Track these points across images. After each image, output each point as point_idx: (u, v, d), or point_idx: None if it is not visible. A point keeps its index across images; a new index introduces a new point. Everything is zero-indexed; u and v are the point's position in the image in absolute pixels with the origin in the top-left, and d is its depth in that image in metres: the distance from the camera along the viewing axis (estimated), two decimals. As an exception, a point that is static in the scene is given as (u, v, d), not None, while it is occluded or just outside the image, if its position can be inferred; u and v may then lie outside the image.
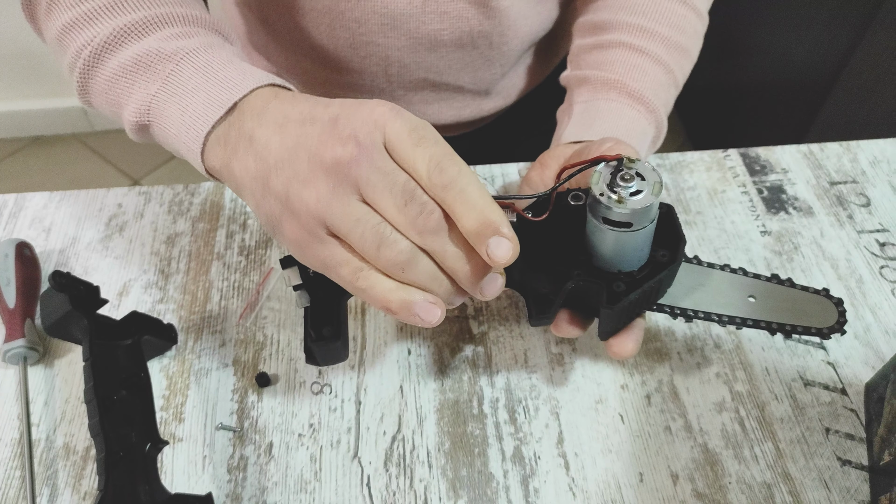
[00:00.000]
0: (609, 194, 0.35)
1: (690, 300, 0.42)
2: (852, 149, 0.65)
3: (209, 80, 0.39)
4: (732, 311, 0.41)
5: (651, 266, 0.39)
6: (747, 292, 0.42)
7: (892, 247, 0.57)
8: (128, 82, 0.42)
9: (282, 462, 0.46)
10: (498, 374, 0.50)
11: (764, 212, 0.59)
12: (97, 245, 0.57)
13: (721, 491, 0.44)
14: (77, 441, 0.47)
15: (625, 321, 0.41)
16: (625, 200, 0.35)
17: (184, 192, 0.61)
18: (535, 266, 0.40)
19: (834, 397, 0.49)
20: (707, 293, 0.42)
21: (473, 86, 0.70)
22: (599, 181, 0.36)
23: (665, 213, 0.40)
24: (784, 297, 0.42)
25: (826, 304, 0.41)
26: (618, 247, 0.37)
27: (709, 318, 0.41)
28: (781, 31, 1.35)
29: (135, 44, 0.42)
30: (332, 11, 0.59)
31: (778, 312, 0.41)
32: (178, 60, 0.40)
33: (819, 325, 0.40)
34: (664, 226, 0.40)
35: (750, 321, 0.41)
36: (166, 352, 0.51)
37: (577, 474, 0.45)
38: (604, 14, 0.59)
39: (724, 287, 0.42)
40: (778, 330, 0.41)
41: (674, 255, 0.39)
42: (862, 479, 0.45)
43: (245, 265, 0.56)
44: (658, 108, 0.54)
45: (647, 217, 0.36)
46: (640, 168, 0.36)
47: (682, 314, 0.41)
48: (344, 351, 0.40)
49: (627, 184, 0.35)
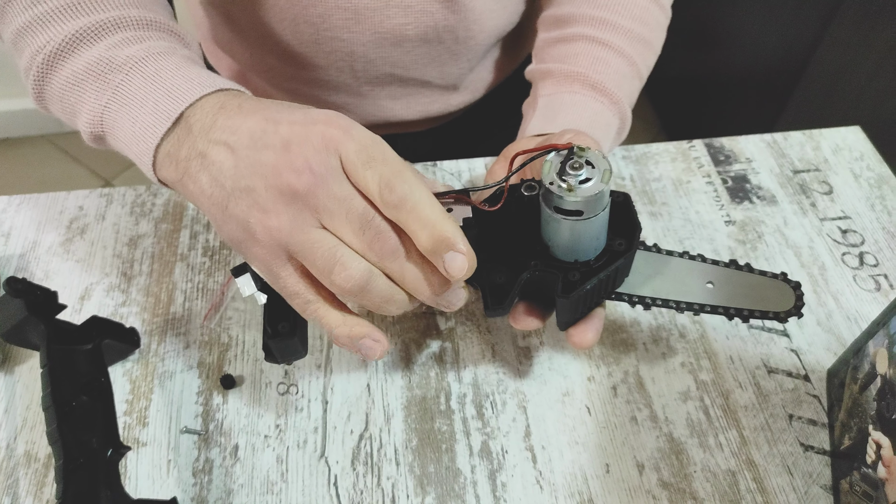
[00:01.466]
0: (559, 183, 0.35)
1: (649, 288, 0.42)
2: (815, 137, 0.65)
3: (157, 90, 0.39)
4: (691, 297, 0.41)
5: (608, 255, 0.39)
6: (706, 278, 0.42)
7: (853, 234, 0.58)
8: (80, 91, 0.41)
9: (248, 464, 0.45)
10: (465, 370, 0.50)
11: (728, 201, 0.60)
12: (58, 249, 0.56)
13: (686, 479, 0.45)
14: (38, 448, 0.46)
15: (583, 311, 0.41)
16: (574, 189, 0.35)
17: (146, 194, 0.60)
18: (493, 257, 0.40)
19: (797, 384, 0.49)
20: (666, 280, 0.42)
21: (441, 81, 0.69)
22: (550, 170, 0.36)
23: (622, 202, 0.40)
24: (742, 282, 0.42)
25: (784, 289, 0.41)
26: (572, 236, 0.37)
27: (667, 306, 0.41)
28: (753, 21, 1.36)
29: (87, 50, 0.41)
30: (294, 7, 0.59)
31: (736, 298, 0.41)
32: (127, 70, 0.40)
33: (777, 310, 0.40)
34: (621, 214, 0.40)
35: (708, 307, 0.41)
36: (129, 355, 0.50)
37: (544, 467, 0.45)
38: (567, 8, 0.59)
39: (682, 274, 0.42)
40: (736, 315, 0.41)
41: (629, 243, 0.39)
42: (824, 464, 0.46)
43: (209, 266, 0.55)
44: (621, 100, 0.54)
45: (598, 205, 0.36)
46: (590, 156, 0.36)
47: (640, 302, 0.42)
48: (301, 347, 0.40)
49: (577, 172, 0.35)
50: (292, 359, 0.41)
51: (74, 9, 0.41)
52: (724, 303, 0.41)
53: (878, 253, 0.56)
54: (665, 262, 0.43)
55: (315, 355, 0.50)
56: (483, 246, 0.39)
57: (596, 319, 0.42)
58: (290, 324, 0.39)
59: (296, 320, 0.39)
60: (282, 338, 0.38)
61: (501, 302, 0.39)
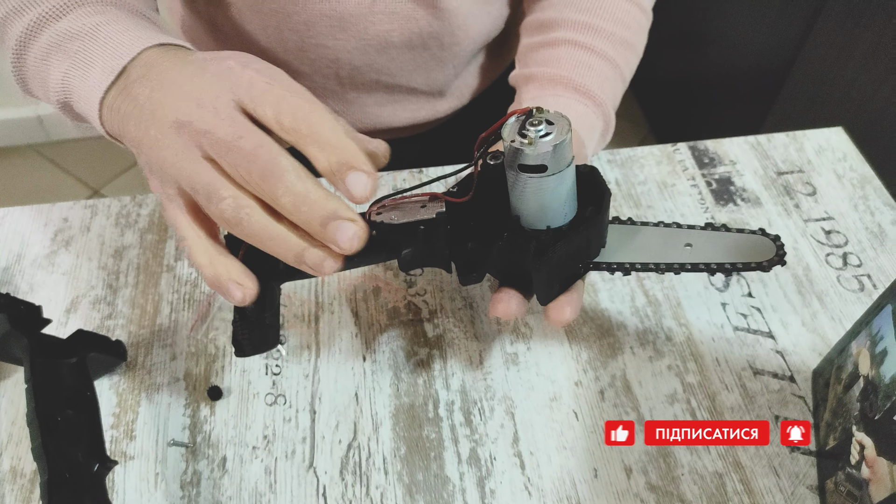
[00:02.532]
0: (520, 140, 0.36)
1: (627, 255, 0.42)
2: (798, 139, 0.66)
3: (106, 50, 0.40)
4: (670, 259, 0.41)
5: (579, 222, 0.39)
6: (683, 241, 0.41)
7: (837, 234, 0.58)
8: (47, 63, 0.43)
9: (236, 475, 0.45)
10: (453, 377, 0.50)
11: (713, 203, 0.60)
12: (43, 261, 0.56)
13: (674, 482, 0.45)
14: (24, 464, 0.46)
15: (560, 282, 0.41)
16: (535, 142, 0.35)
17: (131, 204, 0.60)
18: (466, 235, 0.40)
19: (783, 385, 0.50)
20: (643, 247, 0.42)
21: (427, 87, 0.69)
22: (511, 131, 0.36)
23: (588, 172, 0.40)
24: (721, 241, 0.41)
25: (763, 241, 0.40)
26: (539, 197, 0.37)
27: (646, 269, 0.41)
28: (739, 23, 1.37)
29: (52, 26, 0.43)
30: (279, 14, 0.59)
31: (716, 255, 0.40)
32: (83, 37, 0.41)
33: (759, 260, 0.40)
34: (589, 184, 0.40)
35: (688, 265, 0.40)
36: (116, 368, 0.50)
37: (532, 473, 0.46)
38: (550, 12, 0.59)
39: (659, 240, 0.42)
40: (717, 270, 0.40)
41: (599, 206, 0.39)
42: (810, 464, 0.46)
43: (195, 276, 0.55)
44: (605, 102, 0.55)
45: (562, 158, 0.36)
46: (550, 116, 0.36)
47: (619, 268, 0.41)
48: (271, 334, 0.40)
49: (536, 128, 0.36)
50: (263, 349, 0.41)
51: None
52: (703, 261, 0.40)
53: (861, 253, 0.57)
54: (641, 231, 0.42)
55: (303, 365, 0.50)
56: (454, 227, 0.40)
57: (574, 293, 0.41)
58: (257, 306, 0.39)
59: (264, 304, 0.39)
60: (249, 322, 0.39)
61: (474, 269, 0.39)
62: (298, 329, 0.52)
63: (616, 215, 0.44)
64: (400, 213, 0.40)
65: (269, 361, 0.51)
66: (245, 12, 0.60)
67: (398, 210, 0.40)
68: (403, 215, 0.40)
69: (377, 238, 0.40)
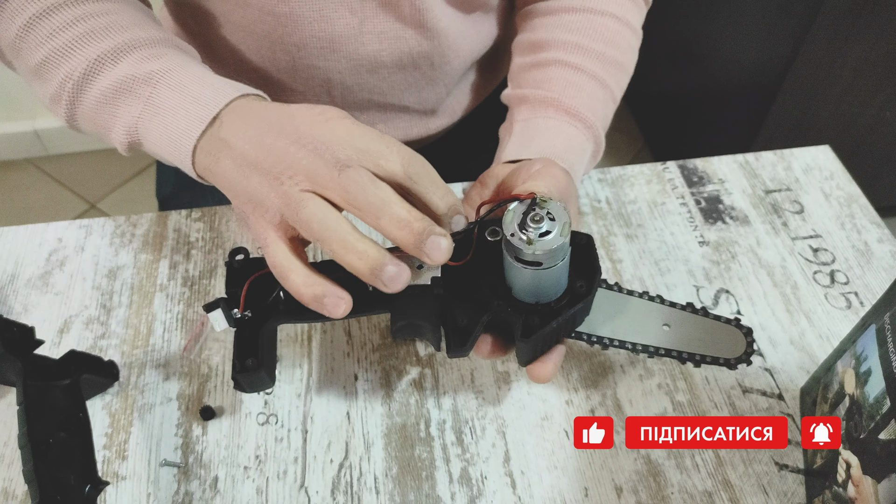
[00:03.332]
0: (519, 235, 0.36)
1: (608, 327, 0.43)
2: (786, 157, 0.67)
3: (186, 99, 0.43)
4: (647, 339, 0.43)
5: (569, 297, 0.40)
6: (662, 320, 0.43)
7: (824, 252, 0.59)
8: (112, 108, 0.45)
9: (227, 496, 0.45)
10: (445, 396, 0.50)
11: (702, 222, 0.61)
12: (37, 281, 0.56)
13: (664, 501, 0.45)
14: (16, 486, 0.46)
15: (543, 349, 0.42)
16: (534, 241, 0.36)
17: (125, 224, 0.60)
18: (458, 296, 0.40)
19: (771, 403, 0.50)
20: (624, 321, 0.43)
21: (419, 106, 0.70)
22: (511, 221, 0.37)
23: (584, 245, 0.41)
24: (697, 325, 0.43)
25: (736, 334, 0.43)
26: (533, 282, 0.38)
27: (623, 347, 0.43)
28: (730, 40, 1.39)
29: (111, 71, 0.45)
30: (270, 36, 0.60)
31: (690, 342, 0.43)
32: (154, 83, 0.44)
33: (728, 356, 0.42)
34: (583, 257, 0.41)
35: (662, 350, 0.42)
36: (108, 389, 0.50)
37: (523, 493, 0.46)
38: (541, 32, 0.60)
39: (640, 315, 0.43)
40: (688, 360, 0.42)
41: (589, 287, 0.40)
42: (798, 483, 0.46)
43: (189, 296, 0.55)
44: (595, 124, 0.55)
45: (557, 257, 0.37)
46: (552, 208, 0.37)
47: (598, 342, 0.43)
48: (268, 379, 0.41)
49: (537, 225, 0.36)
50: (260, 389, 0.43)
51: (89, 37, 0.46)
52: (678, 346, 0.42)
53: (848, 271, 0.57)
54: (625, 302, 0.44)
55: (295, 384, 0.51)
56: (446, 287, 0.41)
57: (556, 354, 0.43)
58: (257, 360, 0.40)
59: (264, 354, 0.40)
60: (248, 373, 0.40)
61: (463, 344, 0.40)
62: (291, 349, 0.53)
63: (604, 278, 0.45)
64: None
65: (261, 381, 0.51)
66: (237, 34, 0.61)
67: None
68: None
69: (372, 294, 0.40)
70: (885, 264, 0.58)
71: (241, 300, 0.40)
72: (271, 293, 0.42)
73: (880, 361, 0.38)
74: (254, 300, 0.41)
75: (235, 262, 0.43)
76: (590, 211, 0.62)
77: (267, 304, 0.42)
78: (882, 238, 0.60)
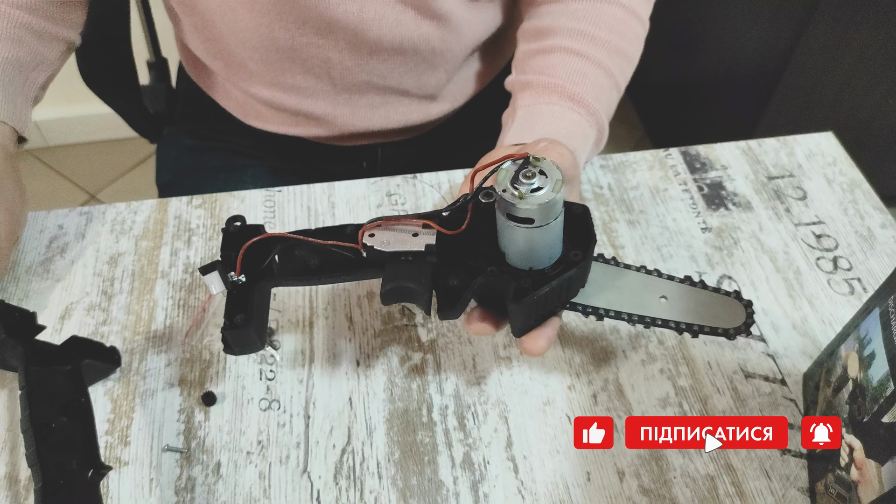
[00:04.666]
0: (511, 191, 0.36)
1: (604, 299, 0.42)
2: (789, 143, 0.66)
3: None
4: (643, 310, 0.42)
5: (563, 265, 0.40)
6: (660, 293, 0.43)
7: (827, 238, 0.59)
8: None
9: (230, 481, 0.45)
10: (447, 381, 0.50)
11: (704, 208, 0.61)
12: (38, 268, 0.56)
13: (666, 485, 0.45)
14: (19, 470, 0.46)
15: (536, 318, 0.41)
16: (526, 196, 0.36)
17: (126, 211, 0.60)
18: (452, 263, 0.40)
19: (774, 388, 0.50)
20: (621, 293, 0.43)
21: (418, 90, 0.70)
22: (504, 178, 0.37)
23: (580, 214, 0.41)
24: (696, 298, 0.42)
25: (735, 306, 0.42)
26: (526, 243, 0.38)
27: (619, 317, 0.42)
28: (732, 27, 1.38)
29: None
30: (271, 12, 0.59)
31: (688, 313, 0.42)
32: None
33: (726, 326, 0.41)
34: (579, 226, 0.40)
35: (659, 321, 0.42)
36: (110, 375, 0.50)
37: (525, 477, 0.46)
38: (546, 20, 0.60)
39: (638, 287, 0.43)
40: (686, 330, 0.41)
41: (585, 254, 0.40)
42: (801, 467, 0.46)
43: (190, 282, 0.55)
44: (598, 111, 0.55)
45: (550, 214, 0.37)
46: (545, 166, 0.37)
47: (593, 312, 0.42)
48: (258, 339, 0.41)
49: (529, 181, 0.36)
50: (249, 350, 0.42)
51: None
52: (675, 317, 0.42)
53: (851, 257, 0.57)
54: (622, 275, 0.43)
55: (297, 370, 0.51)
56: (440, 253, 0.41)
57: (549, 327, 0.42)
58: (247, 315, 0.40)
59: (253, 311, 0.40)
60: (237, 329, 0.40)
61: (453, 305, 0.39)
62: (293, 334, 0.53)
63: (601, 253, 0.44)
64: (392, 236, 0.41)
65: (263, 367, 0.51)
66: (237, 10, 0.60)
67: (390, 233, 0.41)
68: (395, 241, 0.41)
69: (366, 260, 0.41)
70: (888, 249, 0.58)
71: (237, 263, 0.41)
72: (266, 258, 0.42)
73: (884, 344, 0.38)
74: (249, 265, 0.42)
75: (232, 227, 0.43)
76: (592, 197, 0.62)
77: (261, 269, 0.42)
78: (885, 223, 0.59)
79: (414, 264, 0.41)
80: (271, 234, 0.43)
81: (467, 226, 0.40)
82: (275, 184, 0.64)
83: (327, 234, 0.42)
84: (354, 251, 0.42)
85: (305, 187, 0.62)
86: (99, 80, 0.84)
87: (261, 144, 0.76)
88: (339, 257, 0.42)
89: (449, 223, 0.41)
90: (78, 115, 1.80)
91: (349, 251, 0.42)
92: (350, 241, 0.41)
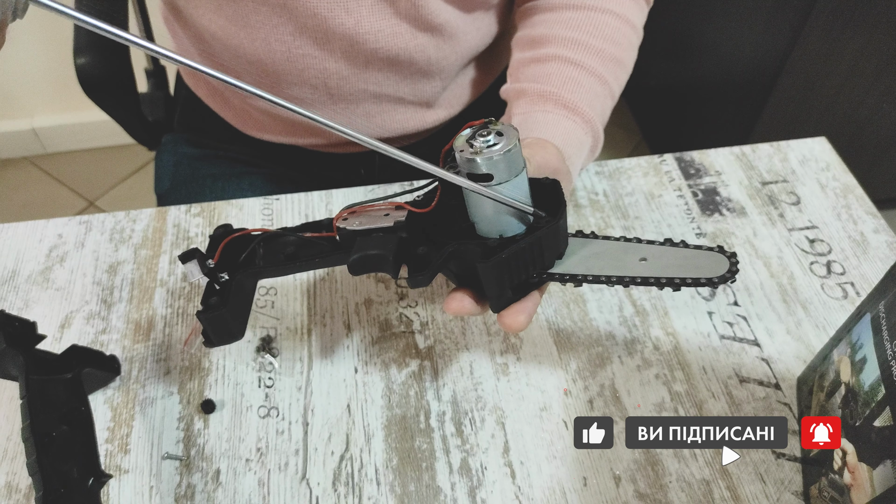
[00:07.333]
0: (469, 149, 0.37)
1: (582, 267, 0.42)
2: (782, 149, 0.67)
3: None
4: (621, 272, 0.41)
5: (532, 230, 0.40)
6: (640, 255, 0.41)
7: (820, 243, 0.59)
8: None
9: (229, 488, 0.46)
10: (444, 388, 0.51)
11: (699, 214, 0.61)
12: (38, 277, 0.57)
13: (662, 490, 0.46)
14: (20, 479, 0.46)
15: (512, 288, 0.41)
16: (481, 151, 0.37)
17: (125, 220, 0.60)
18: (420, 242, 0.41)
19: (768, 392, 0.50)
20: (599, 259, 0.42)
21: (414, 98, 0.70)
22: (461, 141, 0.38)
23: (549, 185, 0.41)
24: (677, 255, 0.41)
25: (718, 258, 0.40)
26: (491, 206, 0.39)
27: (598, 281, 0.41)
28: (728, 33, 1.39)
29: None
30: (265, 26, 0.60)
31: (669, 270, 0.40)
32: None
33: (709, 276, 0.39)
34: (549, 197, 0.41)
35: (639, 279, 0.40)
36: (110, 383, 0.51)
37: (522, 482, 0.46)
38: (541, 29, 0.60)
39: (617, 253, 0.42)
40: (667, 284, 0.40)
41: (554, 216, 0.40)
42: (795, 471, 0.47)
43: (189, 290, 0.56)
44: (593, 119, 0.55)
45: (508, 168, 0.37)
46: (501, 128, 0.38)
47: (570, 279, 0.41)
48: (235, 325, 0.42)
49: (485, 138, 0.37)
50: (228, 339, 0.42)
51: None
52: (655, 274, 0.40)
53: (844, 261, 0.58)
54: (601, 245, 0.43)
55: (295, 377, 0.51)
56: (412, 234, 0.41)
57: (529, 302, 0.42)
58: (221, 297, 0.40)
59: (227, 300, 0.41)
60: (211, 311, 0.40)
61: (423, 269, 0.40)
62: (291, 342, 0.53)
63: (580, 229, 0.45)
64: (364, 219, 0.42)
65: (262, 374, 0.51)
66: (231, 25, 0.61)
67: (363, 216, 0.42)
68: (366, 222, 0.42)
69: (339, 243, 0.42)
70: (881, 254, 0.58)
71: (216, 253, 0.42)
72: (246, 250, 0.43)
73: (875, 349, 0.39)
74: (229, 260, 0.43)
75: (218, 233, 0.44)
76: (587, 203, 0.62)
77: (241, 261, 0.43)
78: (878, 228, 0.60)
79: (382, 237, 0.41)
80: (252, 229, 0.44)
81: (438, 203, 0.41)
82: (273, 191, 0.64)
83: (305, 228, 0.44)
84: (330, 239, 0.43)
85: (303, 195, 0.63)
86: (97, 88, 0.84)
87: (259, 152, 0.77)
88: (315, 246, 0.43)
89: (420, 205, 0.42)
90: (76, 123, 1.80)
91: (325, 240, 0.43)
92: (326, 230, 0.43)
